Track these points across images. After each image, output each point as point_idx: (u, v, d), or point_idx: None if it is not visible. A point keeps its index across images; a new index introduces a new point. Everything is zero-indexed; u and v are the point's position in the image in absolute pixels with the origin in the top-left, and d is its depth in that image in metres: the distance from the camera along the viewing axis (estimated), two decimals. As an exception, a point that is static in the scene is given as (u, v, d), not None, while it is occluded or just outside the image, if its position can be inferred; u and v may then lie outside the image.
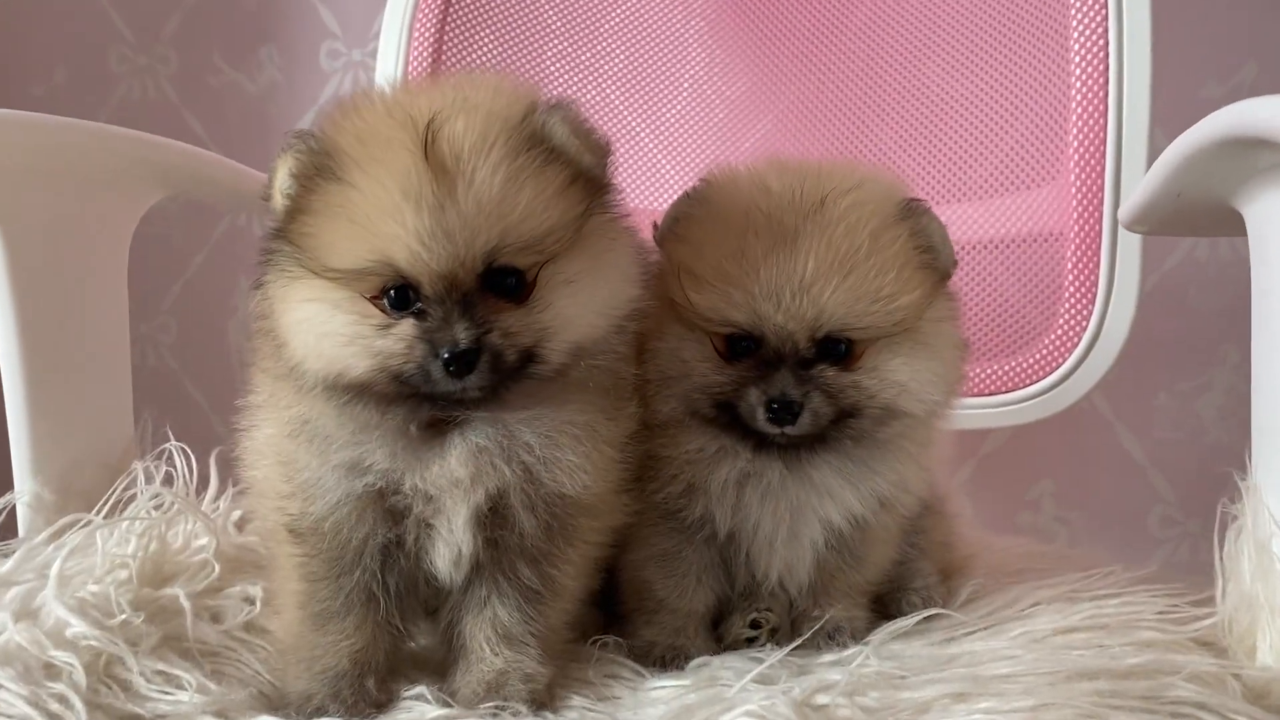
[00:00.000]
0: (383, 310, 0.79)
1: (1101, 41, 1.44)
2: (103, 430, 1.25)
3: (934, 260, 0.95)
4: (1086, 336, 1.48)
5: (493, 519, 0.87)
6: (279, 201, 0.82)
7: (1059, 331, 1.50)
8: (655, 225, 1.01)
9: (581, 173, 0.82)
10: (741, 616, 1.04)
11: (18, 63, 2.29)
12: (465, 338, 0.77)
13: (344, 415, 0.83)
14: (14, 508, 1.15)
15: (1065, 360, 1.50)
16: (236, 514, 1.17)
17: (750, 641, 1.03)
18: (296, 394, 0.85)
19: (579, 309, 0.82)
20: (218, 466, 1.20)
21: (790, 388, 0.91)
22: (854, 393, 0.92)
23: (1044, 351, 1.52)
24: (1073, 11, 1.46)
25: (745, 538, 1.00)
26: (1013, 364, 1.53)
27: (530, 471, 0.85)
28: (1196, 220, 1.10)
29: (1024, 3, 1.55)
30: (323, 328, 0.80)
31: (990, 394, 1.52)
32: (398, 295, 0.79)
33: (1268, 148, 0.75)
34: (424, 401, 0.81)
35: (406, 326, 0.79)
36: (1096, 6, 1.44)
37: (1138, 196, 1.11)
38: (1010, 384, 1.54)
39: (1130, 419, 2.04)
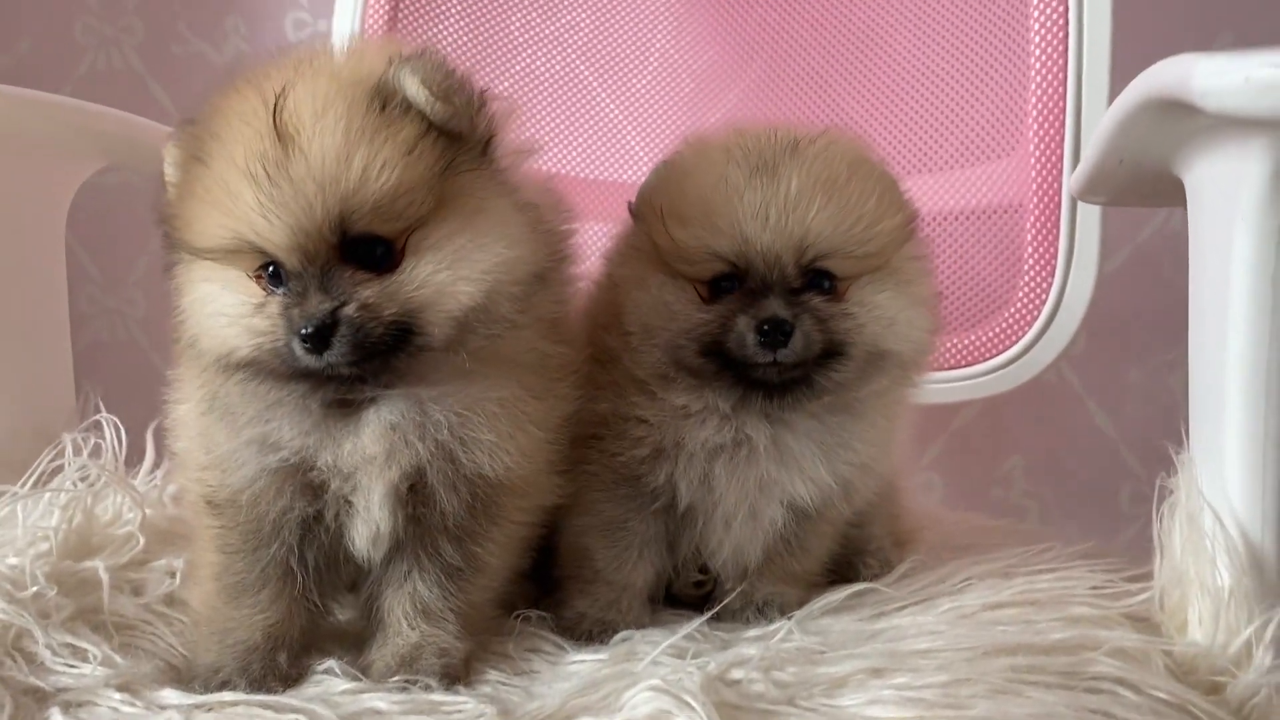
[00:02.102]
0: (264, 289, 0.78)
1: (1061, 9, 1.42)
2: (41, 401, 1.24)
3: (905, 197, 0.97)
4: (1046, 308, 1.47)
5: (413, 497, 0.85)
6: (169, 189, 0.82)
7: (1019, 303, 1.49)
8: (629, 206, 1.01)
9: (439, 128, 0.78)
10: (693, 563, 1.04)
11: (-18, 33, 2.27)
12: (319, 312, 0.74)
13: (247, 392, 0.82)
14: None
15: (1026, 333, 1.49)
16: (172, 488, 1.16)
17: (699, 586, 1.04)
18: (205, 371, 0.84)
19: (447, 275, 0.77)
20: (154, 440, 1.19)
21: (780, 309, 0.89)
22: (843, 321, 0.92)
23: (1005, 324, 1.50)
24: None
25: (704, 513, 0.99)
26: (975, 337, 1.51)
27: (446, 450, 0.83)
28: (1145, 189, 1.08)
29: (986, -28, 1.53)
30: (211, 307, 0.80)
31: (953, 367, 1.51)
32: (272, 272, 0.77)
33: (1191, 110, 0.73)
34: (326, 380, 0.79)
35: (274, 304, 0.77)
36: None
37: (1084, 165, 1.09)
38: (973, 357, 1.53)
39: (1102, 394, 2.02)
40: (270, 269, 0.77)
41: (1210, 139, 0.81)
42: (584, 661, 0.88)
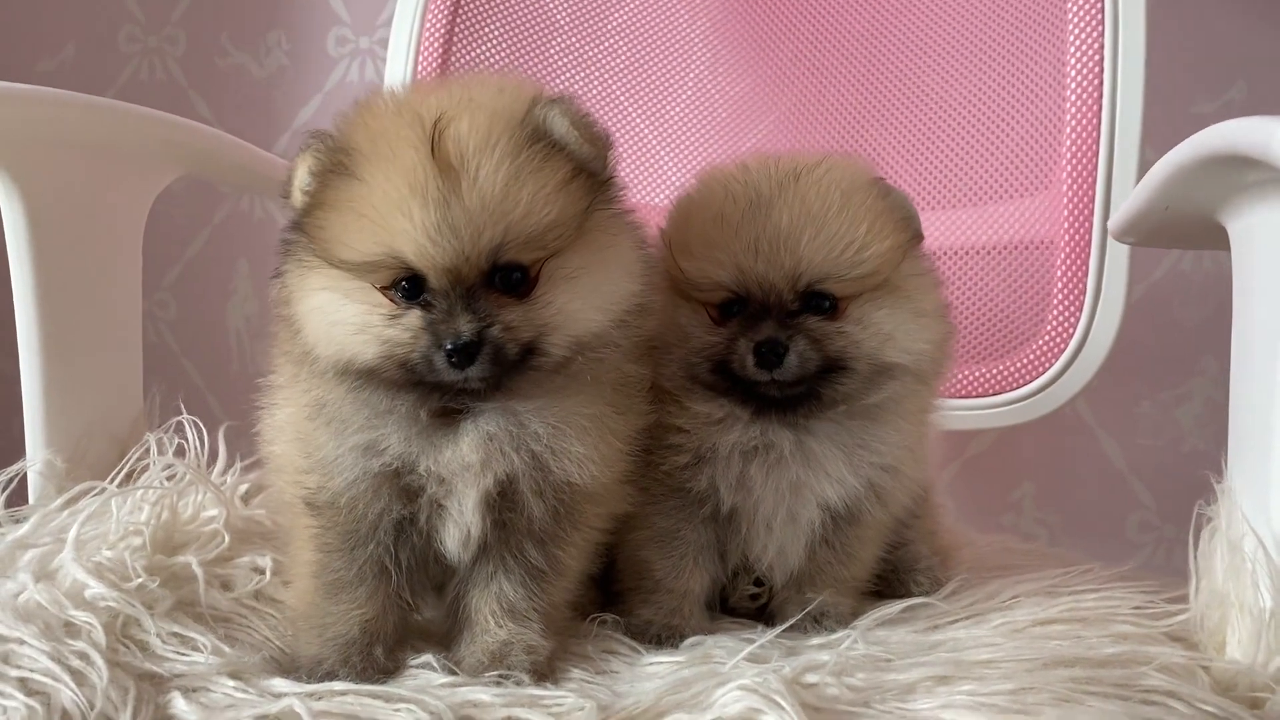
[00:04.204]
0: (392, 300, 0.82)
1: (1097, 56, 1.48)
2: (114, 403, 1.28)
3: (904, 219, 1.01)
4: (1072, 344, 1.52)
5: (502, 503, 0.90)
6: (298, 197, 0.85)
7: (1046, 338, 1.54)
8: (660, 231, 1.07)
9: (583, 167, 0.83)
10: (747, 575, 1.09)
11: (28, 37, 2.30)
12: (468, 330, 0.79)
13: (358, 400, 0.86)
14: (24, 475, 1.17)
15: (1050, 366, 1.54)
16: (244, 487, 1.20)
17: (754, 599, 1.10)
18: (314, 378, 0.88)
19: (580, 304, 0.84)
20: (226, 441, 1.23)
21: (775, 331, 0.96)
22: (839, 339, 0.97)
23: (1031, 357, 1.55)
24: (1070, 25, 1.50)
25: (746, 516, 1.04)
26: (1000, 367, 1.57)
27: (538, 459, 0.88)
28: (1182, 232, 1.15)
29: (1022, 13, 1.59)
30: (334, 315, 0.84)
31: (977, 396, 1.56)
32: (409, 286, 0.81)
33: (1253, 166, 0.79)
34: (433, 390, 0.84)
35: (413, 317, 0.82)
36: (1093, 22, 1.48)
37: (1127, 207, 1.15)
38: (997, 387, 1.58)
39: (1112, 425, 2.09)
40: (405, 283, 0.82)
41: (1264, 191, 0.88)
42: (661, 663, 0.93)
